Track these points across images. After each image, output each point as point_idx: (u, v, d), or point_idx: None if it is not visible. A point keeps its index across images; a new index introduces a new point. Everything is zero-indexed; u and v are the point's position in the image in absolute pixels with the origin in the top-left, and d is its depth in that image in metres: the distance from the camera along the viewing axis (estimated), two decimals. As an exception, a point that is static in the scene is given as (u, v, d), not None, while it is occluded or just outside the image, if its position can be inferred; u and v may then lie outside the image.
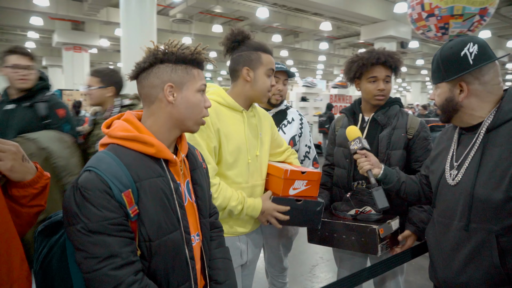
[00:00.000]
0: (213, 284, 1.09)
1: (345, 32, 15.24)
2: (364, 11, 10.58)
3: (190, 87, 1.01)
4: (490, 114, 1.13)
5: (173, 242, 0.95)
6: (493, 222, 1.06)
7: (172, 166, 1.00)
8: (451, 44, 1.15)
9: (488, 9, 6.17)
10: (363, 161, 1.45)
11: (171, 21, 12.49)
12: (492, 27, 13.07)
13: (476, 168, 1.11)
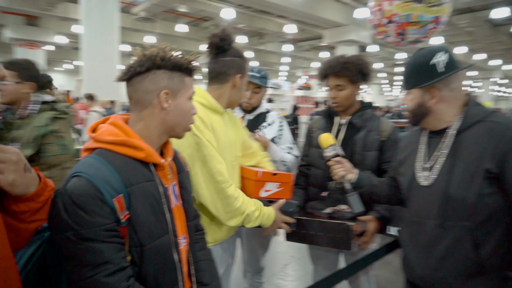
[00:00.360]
0: (199, 286, 1.10)
1: (308, 35, 15.61)
2: (327, 15, 10.91)
3: (184, 94, 1.01)
4: (457, 118, 1.20)
5: (163, 246, 0.95)
6: (467, 219, 1.12)
7: (159, 170, 0.99)
8: (422, 52, 1.23)
9: (441, 17, 6.60)
10: (337, 167, 1.48)
11: (134, 19, 12.15)
12: (444, 34, 13.96)
13: (448, 170, 1.16)
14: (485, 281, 1.12)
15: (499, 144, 1.09)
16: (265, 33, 15.28)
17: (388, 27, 6.99)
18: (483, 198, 1.10)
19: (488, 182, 1.10)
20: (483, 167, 1.10)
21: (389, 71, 24.50)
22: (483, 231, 1.12)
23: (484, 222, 1.11)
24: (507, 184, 1.09)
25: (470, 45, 16.41)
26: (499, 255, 1.11)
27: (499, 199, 1.10)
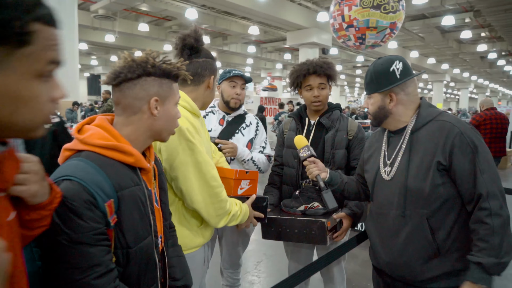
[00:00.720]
0: (171, 281, 1.14)
1: (272, 36, 15.83)
2: (289, 18, 11.13)
3: (171, 101, 1.04)
4: (412, 119, 1.34)
5: (147, 247, 0.97)
6: (424, 207, 1.25)
7: (144, 174, 1.01)
8: (381, 61, 1.36)
9: (396, 23, 6.98)
10: (312, 167, 1.57)
11: (92, 17, 11.69)
12: (398, 39, 14.73)
13: (406, 164, 1.29)
14: (442, 262, 1.25)
15: (447, 140, 1.22)
16: (228, 34, 15.29)
17: (348, 31, 7.29)
18: (436, 187, 1.23)
19: (440, 173, 1.23)
20: (435, 160, 1.23)
21: (350, 73, 25.43)
22: (438, 217, 1.25)
23: (439, 209, 1.25)
24: (455, 174, 1.22)
25: (422, 50, 17.45)
26: (453, 238, 1.25)
27: (450, 188, 1.24)
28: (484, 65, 20.41)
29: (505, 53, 17.02)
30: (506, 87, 33.90)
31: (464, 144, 1.21)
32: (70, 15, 7.86)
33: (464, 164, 1.20)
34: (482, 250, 1.15)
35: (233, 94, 2.07)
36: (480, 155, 1.20)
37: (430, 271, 1.26)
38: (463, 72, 23.84)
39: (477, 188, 1.19)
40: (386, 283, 1.43)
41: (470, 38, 13.70)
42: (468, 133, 1.23)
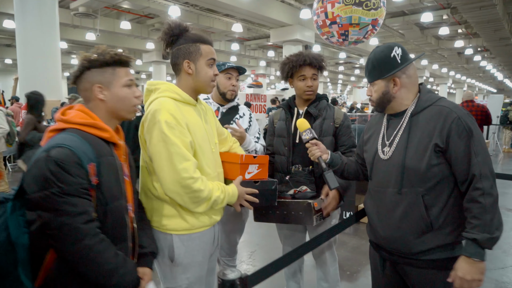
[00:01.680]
0: (140, 248, 1.33)
1: (255, 34, 15.88)
2: (273, 15, 11.20)
3: (116, 84, 1.22)
4: (413, 102, 1.41)
5: (119, 207, 1.19)
6: (419, 185, 1.33)
7: (117, 149, 1.23)
8: (381, 48, 1.42)
9: (378, 20, 7.15)
10: (314, 149, 1.63)
11: (72, 14, 11.45)
12: (379, 36, 15.03)
13: (405, 145, 1.37)
14: (435, 236, 1.34)
15: (445, 124, 1.30)
16: (212, 32, 15.25)
17: (332, 28, 7.42)
18: (432, 167, 1.32)
19: (436, 154, 1.32)
20: (433, 142, 1.31)
21: (332, 70, 25.74)
22: (432, 195, 1.34)
23: (433, 188, 1.33)
24: (451, 156, 1.31)
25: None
26: (445, 214, 1.34)
27: (445, 169, 1.33)
28: (461, 61, 21.05)
29: (480, 49, 17.60)
30: (482, 82, 35.02)
31: (460, 128, 1.28)
32: (51, 12, 7.70)
33: (460, 147, 1.28)
34: (476, 227, 1.23)
35: (229, 85, 2.13)
36: (475, 139, 1.28)
37: (423, 244, 1.35)
38: (441, 67, 24.50)
39: (471, 169, 1.27)
40: (382, 257, 1.52)
41: (447, 34, 14.14)
42: (465, 118, 1.30)
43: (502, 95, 12.95)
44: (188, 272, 1.48)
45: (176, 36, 1.50)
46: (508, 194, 5.94)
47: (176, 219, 1.45)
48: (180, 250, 1.46)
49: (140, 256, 1.32)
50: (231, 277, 0.87)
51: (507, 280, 2.95)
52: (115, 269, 1.10)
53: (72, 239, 1.03)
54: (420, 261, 1.38)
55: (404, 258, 1.42)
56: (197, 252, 1.49)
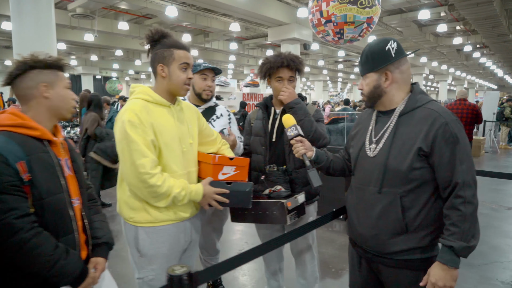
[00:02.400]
0: (94, 239, 1.41)
1: (253, 33, 15.88)
2: (270, 14, 11.21)
3: (60, 84, 1.31)
4: (403, 101, 1.38)
5: (59, 202, 1.24)
6: (399, 187, 1.32)
7: (53, 146, 1.29)
8: (376, 41, 1.40)
9: (373, 18, 7.16)
10: (298, 146, 1.60)
11: (70, 16, 11.50)
12: (376, 34, 15.01)
13: (389, 144, 1.35)
14: (408, 238, 1.34)
15: (432, 128, 1.28)
16: (210, 31, 15.28)
17: (327, 26, 7.44)
18: (413, 170, 1.30)
19: (419, 158, 1.29)
20: (417, 145, 1.29)
21: (332, 68, 25.73)
22: (411, 197, 1.33)
23: (412, 190, 1.32)
24: (434, 162, 1.29)
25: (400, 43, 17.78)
26: (421, 218, 1.33)
27: (426, 173, 1.31)
28: (461, 58, 20.98)
29: (479, 46, 17.54)
30: (482, 79, 34.90)
31: (447, 134, 1.26)
32: (47, 14, 7.74)
33: (445, 153, 1.26)
34: (453, 234, 1.23)
35: (205, 86, 2.16)
36: (461, 146, 1.26)
37: (396, 245, 1.35)
38: (441, 64, 24.44)
39: (454, 176, 1.25)
40: (359, 254, 1.53)
41: (446, 31, 14.09)
42: (452, 124, 1.28)
43: (498, 91, 12.92)
44: (154, 263, 1.57)
45: (155, 42, 1.61)
46: (501, 191, 5.96)
47: (141, 212, 1.55)
48: (145, 242, 1.56)
49: (95, 246, 1.40)
50: (178, 272, 0.90)
51: (490, 275, 2.98)
52: (54, 261, 1.15)
53: (6, 233, 1.09)
54: (393, 260, 1.38)
55: (378, 257, 1.42)
56: (162, 244, 1.56)
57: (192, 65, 1.64)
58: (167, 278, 0.91)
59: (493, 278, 2.93)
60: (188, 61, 1.60)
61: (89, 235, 1.38)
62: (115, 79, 24.24)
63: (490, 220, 4.43)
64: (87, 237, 1.38)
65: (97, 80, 27.41)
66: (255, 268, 3.11)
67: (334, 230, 4.03)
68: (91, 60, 21.74)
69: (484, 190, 6.22)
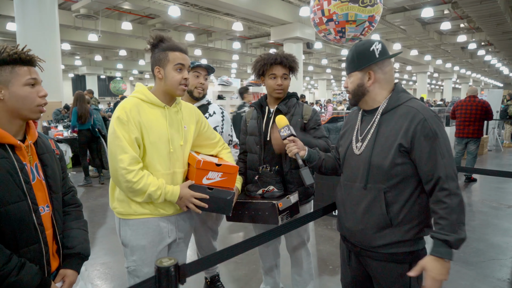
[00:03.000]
0: (66, 249, 1.32)
1: (256, 32, 15.91)
2: (272, 13, 11.23)
3: (16, 83, 1.17)
4: (385, 100, 1.43)
5: (19, 211, 1.14)
6: (383, 182, 1.36)
7: (18, 150, 1.18)
8: (362, 42, 1.46)
9: (375, 16, 7.15)
10: (291, 145, 1.64)
11: (74, 16, 11.61)
12: (380, 32, 14.97)
13: (372, 142, 1.40)
14: (393, 232, 1.39)
15: (411, 125, 1.32)
16: (213, 31, 15.33)
17: (328, 25, 7.44)
18: (395, 166, 1.35)
19: (401, 154, 1.34)
20: (397, 142, 1.33)
21: (335, 67, 25.67)
22: (394, 192, 1.37)
23: (395, 186, 1.37)
24: (415, 157, 1.33)
25: (404, 42, 17.73)
26: (405, 212, 1.37)
27: (408, 168, 1.35)
28: (465, 56, 20.85)
29: (484, 43, 17.43)
30: (488, 77, 34.62)
31: (426, 130, 1.30)
32: (51, 15, 7.83)
33: (425, 148, 1.30)
34: (444, 228, 1.25)
35: (197, 83, 2.19)
36: (440, 141, 1.30)
37: (382, 239, 1.40)
38: (445, 63, 24.30)
39: (436, 170, 1.29)
40: (348, 248, 1.58)
41: (449, 29, 14.03)
42: (431, 120, 1.32)
43: (501, 90, 12.83)
44: (134, 254, 1.64)
45: (153, 46, 1.66)
46: (503, 189, 5.95)
47: (123, 203, 1.63)
48: (126, 232, 1.65)
49: (66, 257, 1.32)
50: (166, 264, 0.93)
51: (487, 273, 2.99)
52: (4, 277, 1.07)
53: None
54: (380, 254, 1.42)
55: (366, 251, 1.47)
56: (142, 236, 1.63)
57: (188, 66, 1.68)
58: (155, 269, 0.94)
59: (490, 276, 2.94)
60: (183, 61, 1.63)
61: (60, 245, 1.29)
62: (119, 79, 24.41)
63: (490, 218, 4.43)
64: (59, 247, 1.29)
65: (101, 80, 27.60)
66: (253, 266, 3.15)
67: (333, 228, 4.06)
68: (95, 60, 21.92)
69: (485, 188, 6.21)
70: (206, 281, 2.63)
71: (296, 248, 2.19)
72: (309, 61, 22.15)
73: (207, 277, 2.61)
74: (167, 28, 14.16)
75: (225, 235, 3.95)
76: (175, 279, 0.94)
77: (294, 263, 2.22)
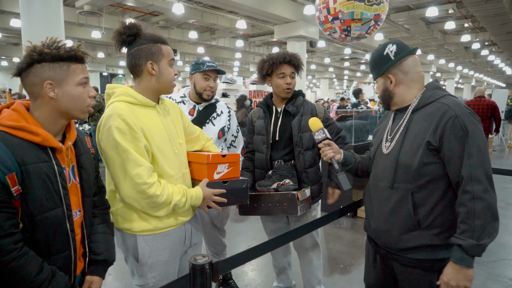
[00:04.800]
0: (92, 255, 1.27)
1: (259, 30, 15.87)
2: (276, 12, 11.19)
3: (70, 82, 1.12)
4: (416, 98, 1.39)
5: (54, 217, 1.10)
6: (410, 182, 1.32)
7: (58, 152, 1.13)
8: (377, 48, 1.45)
9: (380, 15, 7.13)
10: (327, 149, 1.57)
11: (78, 13, 11.59)
12: (384, 31, 14.92)
13: (401, 141, 1.37)
14: (420, 235, 1.33)
15: (441, 122, 1.27)
16: (216, 29, 15.29)
17: (334, 23, 7.42)
18: (424, 166, 1.29)
19: (430, 153, 1.28)
20: (426, 140, 1.29)
21: (338, 65, 25.62)
22: (423, 193, 1.32)
23: (424, 186, 1.31)
24: (444, 156, 1.27)
25: (407, 41, 17.66)
26: (435, 215, 1.31)
27: (437, 168, 1.29)
28: (469, 55, 20.79)
29: (488, 43, 17.37)
30: (490, 77, 34.54)
31: (456, 127, 1.24)
32: (56, 11, 7.81)
33: (454, 147, 1.24)
34: (463, 232, 1.20)
35: (206, 86, 2.15)
36: (471, 139, 1.23)
37: (408, 242, 1.34)
38: (448, 62, 24.22)
39: (462, 170, 1.23)
40: (374, 248, 1.55)
41: (453, 29, 13.98)
42: (463, 117, 1.25)
43: (507, 89, 12.80)
44: (154, 271, 1.49)
45: (133, 36, 1.46)
46: (509, 189, 5.93)
47: (138, 222, 1.44)
48: (144, 250, 1.46)
49: (92, 263, 1.28)
50: (201, 262, 0.93)
51: (498, 272, 2.99)
52: (36, 286, 1.04)
53: None
54: (406, 258, 1.37)
55: (392, 254, 1.42)
56: (163, 251, 1.49)
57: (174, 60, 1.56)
58: (189, 267, 0.94)
59: (502, 275, 2.93)
60: (173, 56, 1.52)
61: (87, 249, 1.26)
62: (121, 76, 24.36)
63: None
64: (85, 251, 1.26)
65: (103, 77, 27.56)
66: (264, 263, 3.14)
67: (342, 226, 4.06)
68: (98, 57, 21.89)
69: (491, 189, 6.20)
70: (218, 279, 2.63)
71: (308, 245, 2.20)
72: (312, 60, 22.10)
73: (220, 275, 2.61)
74: (171, 25, 14.13)
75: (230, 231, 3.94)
76: (210, 276, 0.93)
77: (305, 259, 2.24)
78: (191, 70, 2.21)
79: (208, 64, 2.15)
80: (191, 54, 19.20)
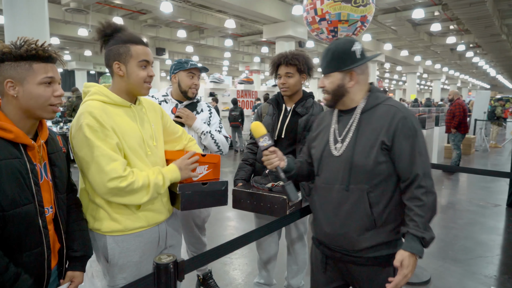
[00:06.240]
0: (70, 252, 1.31)
1: (248, 30, 15.87)
2: (265, 11, 11.21)
3: (31, 81, 1.12)
4: (363, 100, 1.43)
5: (26, 213, 1.10)
6: (365, 182, 1.35)
7: (30, 150, 1.15)
8: (342, 41, 1.42)
9: (367, 16, 7.21)
10: (273, 157, 1.54)
11: (64, 10, 11.42)
12: (371, 32, 15.08)
13: (353, 142, 1.38)
14: (377, 233, 1.37)
15: (392, 122, 1.34)
16: (205, 28, 15.23)
17: (321, 24, 7.48)
18: (378, 165, 1.34)
19: (383, 152, 1.34)
20: (380, 139, 1.34)
21: (326, 66, 25.74)
22: (377, 192, 1.36)
23: (378, 185, 1.36)
24: (395, 154, 1.34)
25: (395, 42, 17.91)
26: (388, 212, 1.37)
27: (389, 166, 1.36)
28: (454, 57, 21.15)
29: (472, 45, 17.70)
30: (476, 78, 35.19)
31: (406, 127, 1.33)
32: (40, 8, 7.68)
33: (405, 145, 1.32)
34: (419, 225, 1.27)
35: (192, 84, 2.20)
36: (419, 139, 1.34)
37: (366, 242, 1.37)
38: (435, 63, 24.61)
39: (415, 168, 1.31)
40: (324, 254, 1.52)
41: (439, 30, 14.20)
42: (411, 118, 1.35)
43: (489, 91, 13.07)
44: (125, 272, 1.47)
45: (108, 37, 1.46)
46: (490, 189, 6.07)
47: (108, 222, 1.43)
48: (114, 250, 1.44)
49: (71, 260, 1.32)
50: (165, 261, 0.93)
51: (474, 270, 3.06)
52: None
53: None
54: (363, 258, 1.39)
55: (347, 256, 1.42)
56: (133, 252, 1.47)
57: (152, 62, 1.50)
58: (153, 266, 0.94)
59: (477, 273, 3.00)
60: (147, 58, 1.45)
61: (64, 245, 1.28)
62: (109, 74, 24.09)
63: (477, 216, 4.52)
64: (63, 246, 1.28)
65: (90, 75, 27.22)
66: (245, 262, 3.16)
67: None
68: (85, 55, 21.59)
69: (473, 188, 6.32)
70: (198, 278, 2.63)
71: (294, 240, 2.26)
72: (301, 60, 22.18)
73: (200, 275, 2.62)
74: (159, 24, 14.02)
75: (211, 232, 3.95)
76: (174, 275, 0.94)
77: (291, 254, 2.30)
78: (173, 70, 2.24)
79: (191, 63, 2.20)
80: (180, 53, 19.09)
